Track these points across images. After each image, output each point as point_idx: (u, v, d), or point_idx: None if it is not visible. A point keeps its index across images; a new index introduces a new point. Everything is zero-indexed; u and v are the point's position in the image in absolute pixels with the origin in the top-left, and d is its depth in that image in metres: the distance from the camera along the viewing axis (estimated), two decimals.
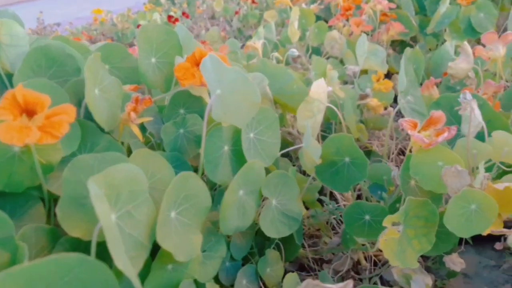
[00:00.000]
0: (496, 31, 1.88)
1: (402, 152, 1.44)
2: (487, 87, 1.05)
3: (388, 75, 1.92)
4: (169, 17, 3.07)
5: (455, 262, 0.87)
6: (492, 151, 0.79)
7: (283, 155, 1.05)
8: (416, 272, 0.90)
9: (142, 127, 0.88)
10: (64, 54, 0.82)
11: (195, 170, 0.84)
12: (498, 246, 0.78)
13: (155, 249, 0.64)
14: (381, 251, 0.76)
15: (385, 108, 1.42)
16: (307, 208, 1.16)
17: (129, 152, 0.82)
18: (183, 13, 3.20)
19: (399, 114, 1.25)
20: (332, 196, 1.18)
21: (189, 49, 0.96)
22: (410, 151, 0.80)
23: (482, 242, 1.20)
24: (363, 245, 1.00)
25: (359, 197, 1.21)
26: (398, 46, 2.10)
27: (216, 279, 0.83)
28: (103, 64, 0.78)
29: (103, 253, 0.53)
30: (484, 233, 0.75)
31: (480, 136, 0.83)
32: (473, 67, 1.09)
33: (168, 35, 0.94)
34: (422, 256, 0.92)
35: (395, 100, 1.28)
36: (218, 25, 3.13)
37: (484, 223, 0.72)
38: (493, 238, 0.85)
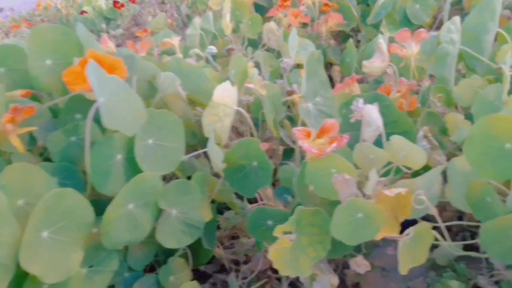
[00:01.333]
0: (433, 22, 1.91)
1: None
2: (401, 85, 1.05)
3: (328, 67, 1.92)
4: (115, 2, 2.95)
5: (359, 264, 0.88)
6: (388, 156, 0.80)
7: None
8: (322, 272, 0.90)
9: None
10: None
11: None
12: (390, 251, 0.79)
13: None
14: None
15: None
16: (228, 209, 1.15)
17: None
18: None
19: None
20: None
21: None
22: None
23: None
24: None
25: None
26: (340, 36, 2.10)
27: None
28: None
29: None
30: (377, 238, 0.76)
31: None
32: (389, 64, 1.09)
33: (65, 35, 0.88)
34: None
35: None
36: (167, 11, 3.04)
37: (372, 230, 0.72)
38: None
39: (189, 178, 0.87)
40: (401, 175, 0.87)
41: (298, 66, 1.57)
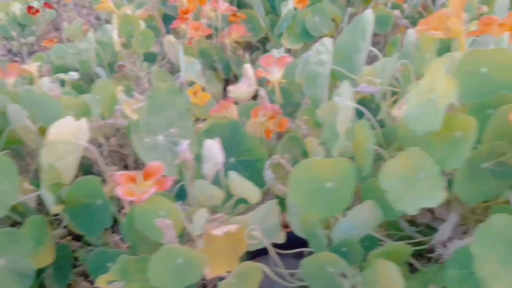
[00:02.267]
0: (335, 31, 1.94)
1: None
2: (265, 110, 1.05)
3: (237, 78, 1.90)
4: (29, 8, 2.79)
5: None
6: (223, 194, 0.79)
7: None
8: None
9: None
10: None
11: None
12: None
13: None
14: None
15: None
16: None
17: None
18: (45, 4, 2.93)
19: None
20: None
21: None
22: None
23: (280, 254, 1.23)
24: None
25: None
26: (251, 47, 2.09)
27: None
28: None
29: None
30: (208, 277, 0.75)
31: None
32: (258, 88, 1.09)
33: None
34: None
35: None
36: (87, 16, 2.92)
37: (195, 273, 0.71)
38: (292, 247, 0.85)
39: None
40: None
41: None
